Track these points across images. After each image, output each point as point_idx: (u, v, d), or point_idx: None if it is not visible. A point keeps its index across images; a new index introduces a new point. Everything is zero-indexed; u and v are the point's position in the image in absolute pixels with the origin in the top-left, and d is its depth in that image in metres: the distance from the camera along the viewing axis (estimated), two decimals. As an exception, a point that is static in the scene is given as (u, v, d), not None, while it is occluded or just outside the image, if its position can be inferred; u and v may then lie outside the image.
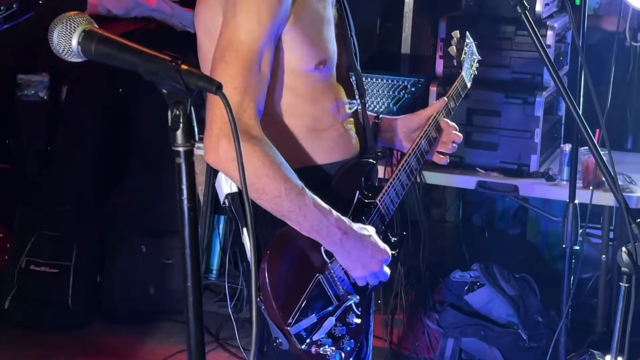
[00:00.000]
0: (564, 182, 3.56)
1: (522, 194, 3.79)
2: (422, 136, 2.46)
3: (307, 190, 2.09)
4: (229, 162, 2.00)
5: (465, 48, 2.68)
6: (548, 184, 3.73)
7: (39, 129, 4.89)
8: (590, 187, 3.39)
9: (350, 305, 2.24)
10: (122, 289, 4.63)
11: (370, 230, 2.23)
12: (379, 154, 2.43)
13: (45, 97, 4.85)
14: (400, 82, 4.14)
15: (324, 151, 2.28)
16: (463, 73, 2.66)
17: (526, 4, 2.24)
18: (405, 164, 2.41)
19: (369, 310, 2.38)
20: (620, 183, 3.64)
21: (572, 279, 3.11)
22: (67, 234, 4.62)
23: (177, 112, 1.26)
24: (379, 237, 2.27)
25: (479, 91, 3.76)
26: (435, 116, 2.51)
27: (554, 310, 3.92)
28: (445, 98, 2.57)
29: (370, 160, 2.38)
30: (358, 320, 2.26)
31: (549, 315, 3.97)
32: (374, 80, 4.13)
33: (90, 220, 4.71)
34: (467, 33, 2.69)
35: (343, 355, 2.21)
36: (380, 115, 2.59)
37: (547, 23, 3.79)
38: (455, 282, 4.18)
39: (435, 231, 4.54)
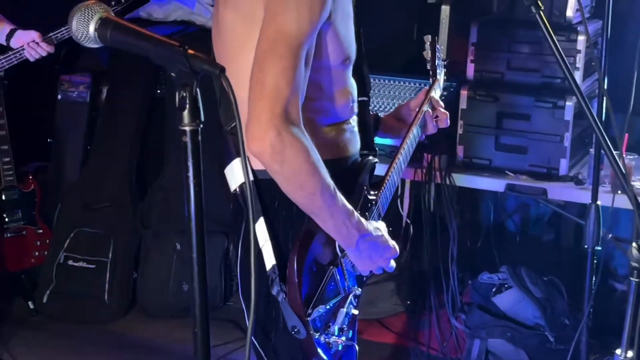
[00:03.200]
0: (592, 186, 3.55)
1: (550, 197, 3.78)
2: (410, 130, 2.52)
3: (338, 191, 2.10)
4: (274, 154, 1.98)
5: (438, 53, 2.73)
6: (577, 187, 3.71)
7: (80, 128, 4.96)
8: (619, 191, 3.42)
9: (351, 296, 2.29)
10: (157, 285, 4.69)
11: (382, 228, 2.27)
12: (377, 150, 2.47)
13: (86, 98, 4.93)
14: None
15: (338, 145, 2.30)
16: (438, 77, 2.73)
17: (540, 4, 2.29)
18: (397, 160, 2.47)
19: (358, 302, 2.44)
20: (648, 187, 3.68)
21: (594, 279, 3.11)
22: (105, 231, 4.69)
23: (184, 94, 1.34)
24: None
25: (508, 95, 3.82)
26: (419, 111, 2.57)
27: (581, 313, 3.91)
28: (426, 87, 2.65)
29: (375, 159, 2.41)
30: (356, 312, 2.32)
31: (576, 317, 3.93)
32: (411, 84, 4.13)
33: (127, 218, 4.76)
34: (436, 38, 2.74)
35: (342, 344, 2.25)
36: (378, 115, 2.66)
37: (578, 29, 3.76)
38: (483, 283, 4.18)
39: (468, 234, 4.55)
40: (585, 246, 3.11)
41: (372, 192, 2.35)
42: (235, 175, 2.21)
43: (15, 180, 4.59)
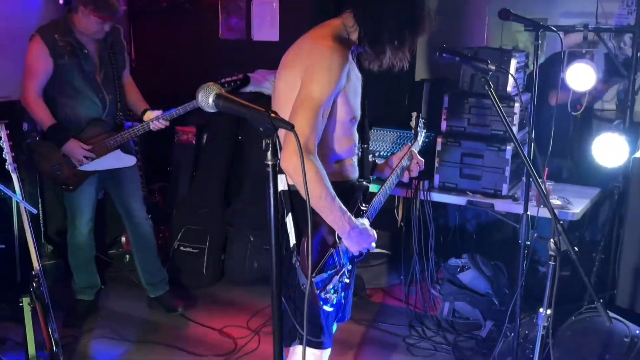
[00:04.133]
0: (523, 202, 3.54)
1: (496, 209, 3.76)
2: (394, 171, 2.58)
3: (336, 197, 2.17)
4: (296, 169, 2.07)
5: (420, 123, 2.77)
6: (514, 203, 3.72)
7: (188, 161, 4.97)
8: (541, 206, 3.40)
9: (345, 270, 2.33)
10: (237, 263, 4.68)
11: (366, 223, 2.32)
12: (370, 178, 2.53)
13: (193, 141, 4.96)
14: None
15: (342, 173, 2.36)
16: (418, 139, 2.76)
17: (491, 84, 2.31)
18: (384, 188, 2.51)
19: (353, 275, 2.44)
20: (560, 203, 3.67)
21: (525, 263, 3.08)
22: (204, 228, 4.70)
23: (268, 141, 1.39)
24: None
25: (468, 142, 3.81)
26: (401, 160, 2.60)
27: (516, 286, 3.88)
28: (409, 144, 2.68)
29: (368, 184, 2.46)
30: (347, 280, 2.35)
31: (513, 289, 3.91)
32: (404, 134, 4.13)
33: (219, 219, 4.76)
34: (420, 114, 2.79)
35: (337, 300, 2.31)
36: (375, 161, 2.70)
37: (515, 98, 3.76)
38: (451, 265, 4.18)
39: (441, 233, 4.54)
40: (519, 241, 3.09)
41: (364, 205, 2.39)
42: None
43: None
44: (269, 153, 1.39)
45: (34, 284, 3.27)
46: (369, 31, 2.24)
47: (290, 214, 2.19)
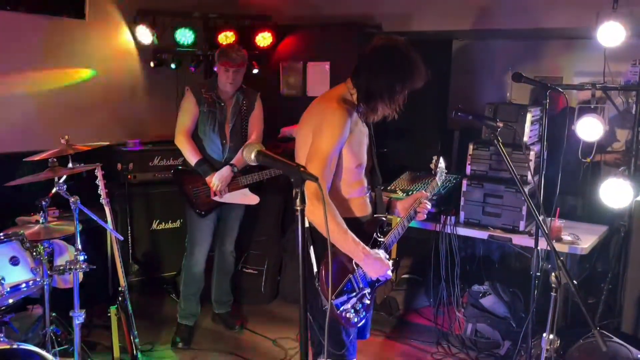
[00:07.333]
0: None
1: (514, 243, 3.72)
2: (411, 209, 2.56)
3: (349, 231, 2.21)
4: (311, 213, 2.11)
5: (440, 165, 2.71)
6: (529, 238, 3.66)
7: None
8: (553, 240, 3.35)
9: (365, 293, 2.33)
10: (290, 284, 4.72)
11: (381, 253, 2.32)
12: (386, 214, 2.52)
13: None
14: (449, 177, 4.14)
15: (354, 210, 2.38)
16: (437, 179, 2.70)
17: (499, 138, 2.33)
18: (401, 223, 2.50)
19: (373, 297, 2.44)
20: (571, 239, 3.60)
21: (536, 291, 3.04)
22: (263, 253, 4.75)
23: (297, 191, 1.45)
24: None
25: (490, 184, 3.80)
26: (417, 202, 2.57)
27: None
28: (423, 192, 2.64)
29: (384, 218, 2.47)
30: (368, 302, 2.35)
31: (527, 313, 3.83)
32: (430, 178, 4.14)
33: (275, 246, 4.80)
34: (441, 158, 2.73)
35: (358, 319, 2.31)
36: (391, 199, 2.66)
37: (530, 147, 3.75)
38: (474, 291, 4.12)
39: (466, 262, 4.48)
40: (531, 272, 3.06)
41: (381, 237, 2.41)
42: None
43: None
44: (297, 200, 1.45)
45: (120, 298, 3.40)
46: (362, 92, 2.31)
47: (312, 247, 2.23)
